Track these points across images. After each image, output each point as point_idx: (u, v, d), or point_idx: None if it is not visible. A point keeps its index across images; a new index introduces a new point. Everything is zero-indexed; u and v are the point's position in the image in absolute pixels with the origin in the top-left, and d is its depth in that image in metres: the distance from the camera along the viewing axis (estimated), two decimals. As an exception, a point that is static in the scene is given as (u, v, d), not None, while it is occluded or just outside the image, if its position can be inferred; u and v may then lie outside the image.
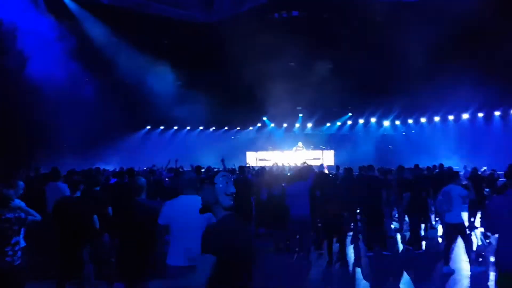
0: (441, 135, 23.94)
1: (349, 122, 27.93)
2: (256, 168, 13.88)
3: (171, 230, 4.22)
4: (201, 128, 29.21)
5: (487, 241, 9.47)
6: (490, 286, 6.58)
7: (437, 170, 12.66)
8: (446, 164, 13.44)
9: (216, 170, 13.20)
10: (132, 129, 26.37)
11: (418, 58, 17.95)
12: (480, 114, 23.29)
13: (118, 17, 19.69)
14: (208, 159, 20.24)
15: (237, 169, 11.66)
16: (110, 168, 15.59)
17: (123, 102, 20.92)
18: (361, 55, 19.86)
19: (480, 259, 8.04)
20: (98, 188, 7.12)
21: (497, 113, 22.73)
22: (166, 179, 11.35)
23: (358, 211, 10.03)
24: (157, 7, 21.08)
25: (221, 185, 3.26)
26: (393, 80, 19.77)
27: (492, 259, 7.69)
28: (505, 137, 21.87)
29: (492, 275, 6.93)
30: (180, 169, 12.67)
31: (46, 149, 18.21)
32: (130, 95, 21.22)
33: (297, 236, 8.39)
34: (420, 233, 9.49)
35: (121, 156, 22.22)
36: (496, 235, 4.43)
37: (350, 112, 27.17)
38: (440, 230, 10.60)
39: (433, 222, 11.51)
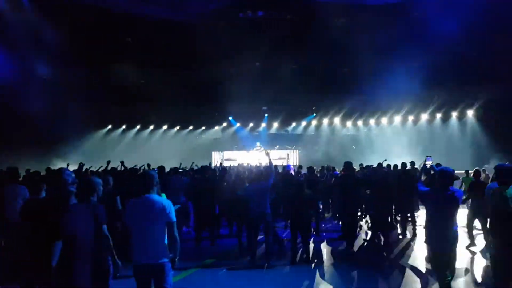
0: (401, 135, 24.61)
1: (314, 122, 28.25)
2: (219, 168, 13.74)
3: (132, 229, 4.27)
4: (165, 127, 28.82)
5: None
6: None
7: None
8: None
9: (181, 170, 13.04)
10: (93, 128, 25.70)
11: (379, 59, 18.36)
12: (438, 115, 24.04)
13: (81, 13, 19.17)
14: (171, 159, 19.97)
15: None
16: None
17: (83, 99, 20.38)
18: (325, 56, 20.14)
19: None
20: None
21: (454, 113, 23.53)
22: None
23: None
24: (122, 4, 20.68)
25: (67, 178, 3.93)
26: (355, 81, 20.14)
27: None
28: (461, 137, 22.74)
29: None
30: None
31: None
32: (91, 92, 20.70)
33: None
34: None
35: (81, 155, 21.67)
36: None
37: (315, 113, 27.49)
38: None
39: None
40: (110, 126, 27.35)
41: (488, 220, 5.47)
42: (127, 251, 4.76)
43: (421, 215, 10.97)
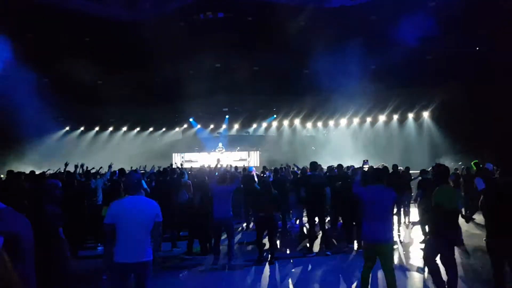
0: (358, 136, 25.23)
1: (275, 124, 28.47)
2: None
3: (117, 229, 4.37)
4: (124, 129, 28.27)
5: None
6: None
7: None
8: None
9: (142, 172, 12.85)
10: (51, 129, 24.85)
11: (337, 61, 18.71)
12: (395, 116, 24.82)
13: (37, 12, 18.61)
14: (130, 161, 19.64)
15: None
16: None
17: (40, 99, 19.73)
18: (285, 58, 20.37)
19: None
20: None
21: (410, 114, 24.37)
22: None
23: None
24: (79, 3, 20.22)
25: None
26: (314, 83, 20.42)
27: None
28: (417, 138, 23.58)
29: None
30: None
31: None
32: (49, 92, 20.07)
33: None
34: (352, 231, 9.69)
35: (38, 156, 21.04)
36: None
37: (275, 114, 27.69)
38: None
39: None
40: (68, 128, 26.57)
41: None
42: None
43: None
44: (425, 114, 23.71)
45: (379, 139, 24.16)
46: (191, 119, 27.98)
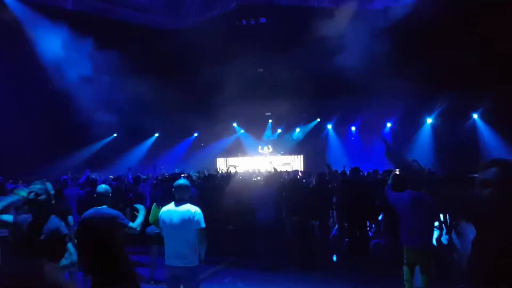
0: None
1: (318, 128, 28.15)
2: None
3: (164, 234, 4.70)
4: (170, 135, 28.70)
5: None
6: None
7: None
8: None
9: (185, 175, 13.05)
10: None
11: (378, 65, 18.29)
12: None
13: (82, 24, 19.25)
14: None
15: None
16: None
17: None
18: (328, 62, 20.18)
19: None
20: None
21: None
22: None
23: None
24: (123, 13, 20.81)
25: None
26: (357, 86, 20.11)
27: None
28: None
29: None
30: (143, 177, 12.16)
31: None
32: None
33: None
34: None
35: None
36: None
37: (318, 118, 27.44)
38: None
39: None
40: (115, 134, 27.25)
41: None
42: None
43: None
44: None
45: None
46: (234, 124, 28.22)
